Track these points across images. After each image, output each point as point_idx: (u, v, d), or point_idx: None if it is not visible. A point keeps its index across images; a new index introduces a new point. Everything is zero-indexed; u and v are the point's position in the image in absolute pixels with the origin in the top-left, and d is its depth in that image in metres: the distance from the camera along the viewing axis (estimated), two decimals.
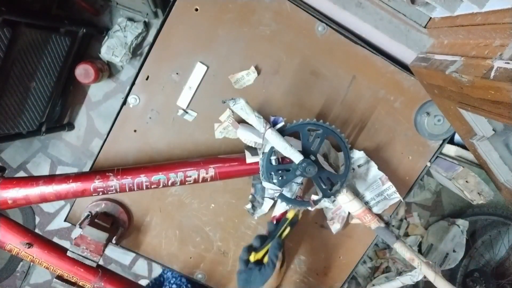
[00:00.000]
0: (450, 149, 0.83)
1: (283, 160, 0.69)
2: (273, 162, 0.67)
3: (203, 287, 0.89)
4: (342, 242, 0.88)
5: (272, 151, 0.66)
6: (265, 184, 0.67)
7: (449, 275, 1.66)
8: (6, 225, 0.66)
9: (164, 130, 0.79)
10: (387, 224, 0.75)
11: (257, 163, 0.70)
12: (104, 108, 1.58)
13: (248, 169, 0.72)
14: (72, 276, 0.70)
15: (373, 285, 1.61)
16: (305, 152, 0.66)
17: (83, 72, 1.38)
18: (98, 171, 0.69)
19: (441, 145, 0.83)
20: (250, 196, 0.81)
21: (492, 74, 0.42)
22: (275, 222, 0.76)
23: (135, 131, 0.79)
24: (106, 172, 0.68)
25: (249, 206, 0.80)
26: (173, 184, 0.70)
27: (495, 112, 0.47)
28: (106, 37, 1.41)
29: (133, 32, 1.41)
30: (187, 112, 0.78)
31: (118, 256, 1.81)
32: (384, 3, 0.64)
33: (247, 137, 0.69)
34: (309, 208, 0.71)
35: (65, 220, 0.82)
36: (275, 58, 0.77)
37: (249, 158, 0.70)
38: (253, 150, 0.72)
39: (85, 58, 1.45)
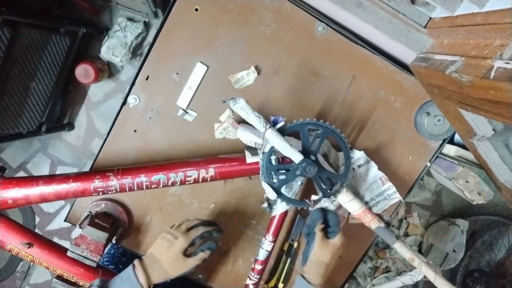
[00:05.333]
0: (450, 149, 0.83)
1: (283, 160, 0.69)
2: (273, 162, 0.67)
3: (203, 286, 0.89)
4: None
5: (272, 150, 0.66)
6: (265, 185, 0.67)
7: (449, 275, 1.66)
8: (6, 225, 0.66)
9: (164, 130, 0.79)
10: (387, 224, 0.75)
11: (257, 163, 0.70)
12: (104, 108, 1.58)
13: (248, 169, 0.72)
14: (72, 276, 0.70)
15: (373, 285, 1.61)
16: (305, 152, 0.66)
17: (83, 72, 1.38)
18: (98, 171, 0.69)
19: (441, 145, 0.83)
20: (265, 196, 0.80)
21: (492, 74, 0.42)
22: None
23: (135, 131, 0.79)
24: (106, 172, 0.68)
25: (265, 205, 0.79)
26: (173, 184, 0.70)
27: (495, 112, 0.47)
28: (106, 37, 1.41)
29: (133, 32, 1.41)
30: (187, 112, 0.78)
31: None
32: (384, 3, 0.64)
33: (247, 137, 0.69)
34: (309, 208, 0.71)
35: (65, 220, 0.82)
36: (275, 58, 0.77)
37: (249, 158, 0.70)
38: (253, 150, 0.72)
39: (85, 58, 1.45)
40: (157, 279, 0.63)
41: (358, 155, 0.78)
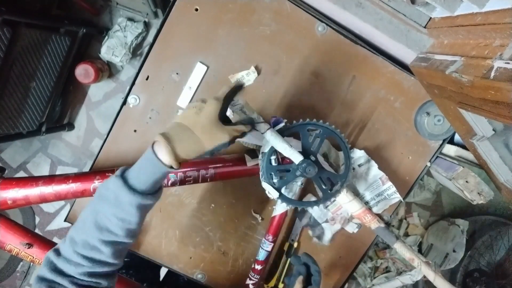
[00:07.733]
0: (450, 149, 0.83)
1: (283, 161, 0.69)
2: (273, 163, 0.67)
3: (202, 286, 0.89)
4: (342, 242, 0.88)
5: (272, 151, 0.66)
6: (265, 185, 0.67)
7: (449, 275, 1.66)
8: (6, 225, 0.66)
9: None
10: (387, 224, 0.75)
11: (257, 164, 0.70)
12: (104, 108, 1.58)
13: (248, 169, 0.72)
14: None
15: (373, 285, 1.61)
16: (305, 152, 0.66)
17: (83, 72, 1.38)
18: (98, 171, 0.69)
19: (441, 145, 0.83)
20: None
21: (492, 74, 0.42)
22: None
23: (135, 131, 0.79)
24: (106, 172, 0.68)
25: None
26: (173, 184, 0.69)
27: (495, 112, 0.47)
28: (106, 37, 1.41)
29: (133, 32, 1.41)
30: None
31: None
32: (384, 3, 0.64)
33: (247, 140, 0.69)
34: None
35: (65, 220, 0.82)
36: (275, 58, 0.77)
37: (250, 162, 0.70)
38: (253, 153, 0.72)
39: (85, 58, 1.45)
40: (187, 152, 0.48)
41: (359, 154, 0.78)
